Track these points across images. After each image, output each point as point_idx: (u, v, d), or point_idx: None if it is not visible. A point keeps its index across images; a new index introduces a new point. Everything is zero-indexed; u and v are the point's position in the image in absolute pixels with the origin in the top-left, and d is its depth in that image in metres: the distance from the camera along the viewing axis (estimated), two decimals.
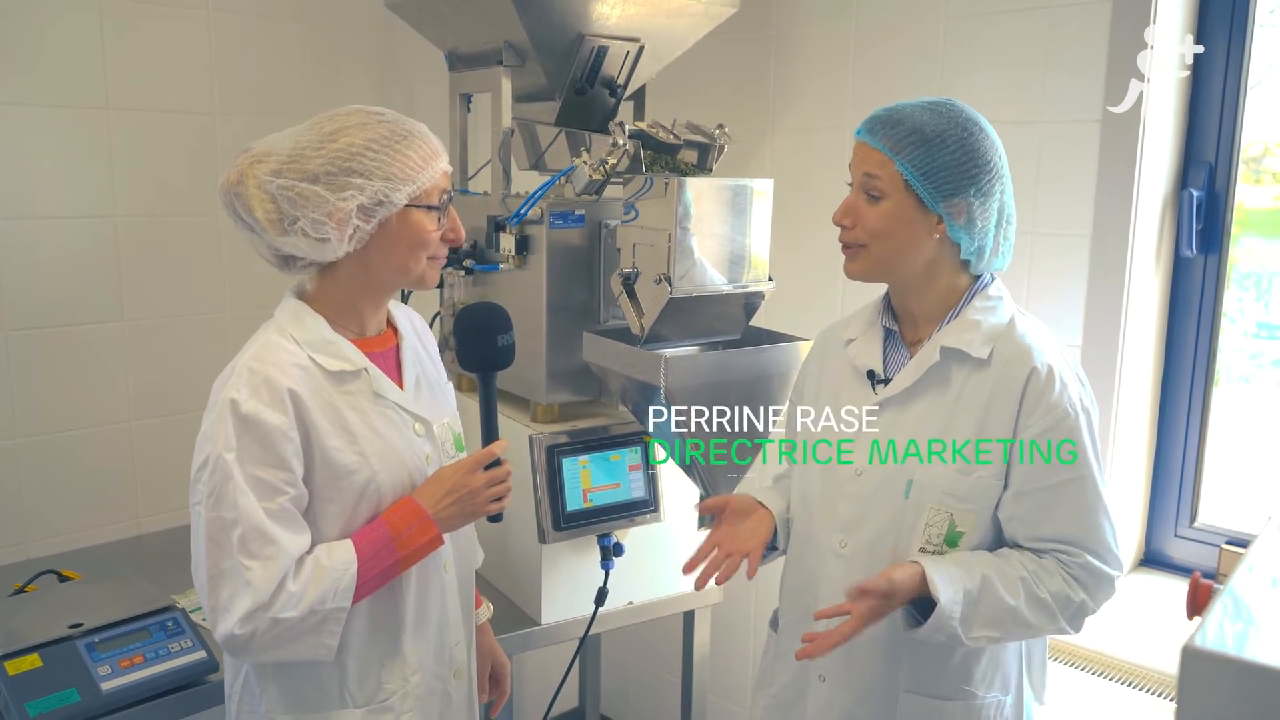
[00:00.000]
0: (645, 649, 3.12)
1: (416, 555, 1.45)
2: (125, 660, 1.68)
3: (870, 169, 1.47)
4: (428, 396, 1.57)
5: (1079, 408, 1.45)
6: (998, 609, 1.42)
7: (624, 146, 1.88)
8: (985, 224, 1.48)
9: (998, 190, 1.48)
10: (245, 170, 1.38)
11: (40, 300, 2.18)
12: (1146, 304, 2.16)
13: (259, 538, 1.33)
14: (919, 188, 1.44)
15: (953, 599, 1.40)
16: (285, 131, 1.42)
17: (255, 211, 1.37)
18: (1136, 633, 2.07)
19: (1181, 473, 2.27)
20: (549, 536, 1.97)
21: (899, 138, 1.45)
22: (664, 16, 2.11)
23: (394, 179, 1.38)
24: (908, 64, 2.35)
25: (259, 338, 1.43)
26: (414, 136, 1.41)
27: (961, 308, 1.52)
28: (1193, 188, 2.14)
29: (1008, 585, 1.43)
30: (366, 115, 1.41)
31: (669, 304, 1.83)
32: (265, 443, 1.34)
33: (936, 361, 1.49)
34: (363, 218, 1.38)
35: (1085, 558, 1.45)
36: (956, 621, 1.40)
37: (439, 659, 1.56)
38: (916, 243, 1.48)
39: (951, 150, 1.44)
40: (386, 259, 1.44)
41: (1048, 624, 1.45)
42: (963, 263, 1.52)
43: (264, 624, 1.33)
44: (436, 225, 1.45)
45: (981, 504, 1.47)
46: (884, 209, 1.47)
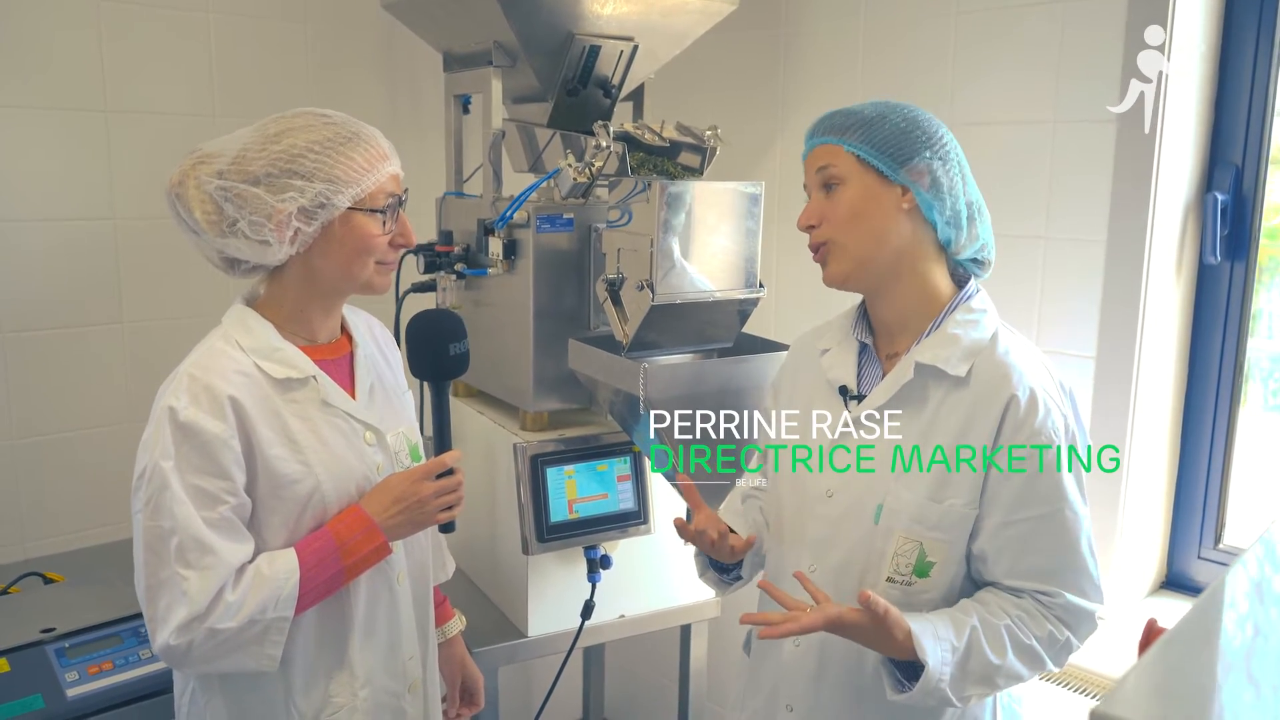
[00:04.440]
0: (652, 654, 3.06)
1: (362, 564, 1.42)
2: (94, 667, 1.67)
3: (822, 162, 1.43)
4: (383, 405, 1.53)
5: (1062, 436, 1.37)
6: (986, 665, 1.34)
7: (608, 148, 1.82)
8: (953, 186, 1.41)
9: (955, 160, 1.42)
10: (187, 171, 1.36)
11: (38, 302, 2.19)
12: (1166, 313, 2.05)
13: (196, 547, 1.30)
14: (874, 160, 1.39)
15: (941, 660, 1.32)
16: (236, 133, 1.40)
17: (195, 212, 1.36)
18: None
19: (1205, 491, 2.15)
20: (532, 548, 1.92)
21: (840, 124, 1.42)
22: (659, 15, 2.05)
23: (336, 181, 1.35)
24: (918, 61, 2.27)
25: (204, 344, 1.41)
26: (360, 139, 1.38)
27: (941, 320, 1.44)
28: (1218, 191, 2.02)
29: (993, 639, 1.35)
30: (313, 117, 1.38)
31: (652, 311, 1.77)
32: (204, 451, 1.31)
33: (910, 379, 1.41)
34: (303, 220, 1.35)
35: (1065, 597, 1.37)
36: (946, 685, 1.32)
37: (390, 672, 1.52)
38: (888, 221, 1.41)
39: (895, 122, 1.40)
40: (330, 263, 1.41)
41: (1036, 669, 1.38)
42: (940, 249, 1.44)
43: (200, 635, 1.30)
44: (382, 229, 1.41)
45: (953, 534, 1.39)
46: (846, 194, 1.41)
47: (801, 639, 1.49)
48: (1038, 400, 1.37)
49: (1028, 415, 1.35)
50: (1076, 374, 2.04)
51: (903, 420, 1.42)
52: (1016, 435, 1.36)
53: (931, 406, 1.41)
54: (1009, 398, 1.36)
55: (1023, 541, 1.37)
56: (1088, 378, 2.05)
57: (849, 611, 1.31)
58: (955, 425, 1.38)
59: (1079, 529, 1.37)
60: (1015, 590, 1.38)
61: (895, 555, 1.40)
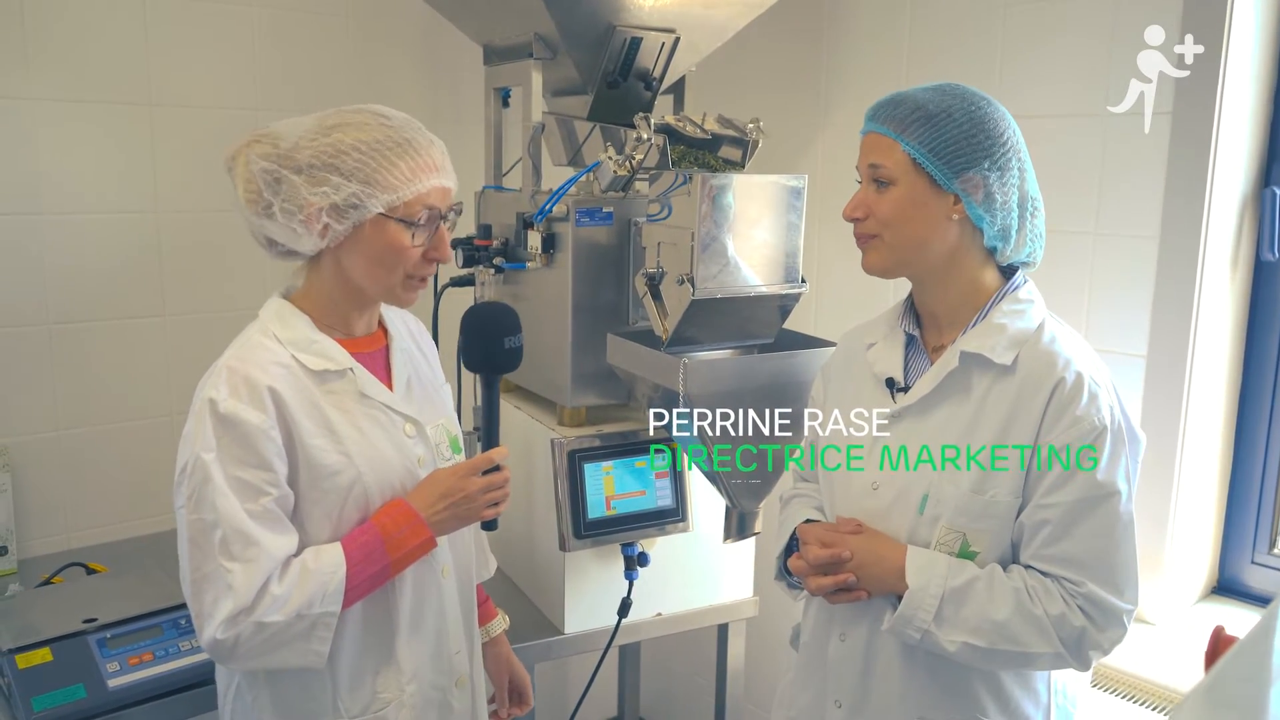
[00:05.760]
0: (689, 651, 3.03)
1: (409, 558, 1.41)
2: (135, 658, 1.68)
3: (875, 158, 1.39)
4: (420, 398, 1.52)
5: (1108, 422, 1.33)
6: (983, 617, 1.32)
7: (649, 141, 1.80)
8: (1007, 200, 1.37)
9: (1015, 166, 1.37)
10: (242, 148, 1.37)
11: (82, 295, 2.21)
12: (1220, 311, 1.99)
13: (240, 539, 1.30)
14: (929, 165, 1.35)
15: (923, 587, 1.33)
16: (302, 118, 1.39)
17: (239, 188, 1.37)
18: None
19: (1260, 494, 2.09)
20: (569, 544, 1.91)
21: (902, 116, 1.37)
22: (700, 6, 2.03)
23: (373, 185, 1.34)
24: (965, 55, 2.22)
25: (241, 337, 1.41)
26: (412, 147, 1.37)
27: (988, 310, 1.41)
28: (1277, 185, 1.96)
29: (998, 594, 1.33)
30: (371, 116, 1.37)
31: (692, 305, 1.75)
32: (245, 442, 1.31)
33: (956, 368, 1.39)
34: (334, 217, 1.34)
35: (1090, 587, 1.32)
36: (930, 616, 1.33)
37: (437, 667, 1.51)
38: (934, 228, 1.38)
39: (959, 123, 1.35)
40: (357, 265, 1.40)
41: (1040, 644, 1.33)
42: (988, 253, 1.41)
43: (248, 628, 1.30)
44: (412, 241, 1.39)
45: (996, 524, 1.36)
46: (895, 195, 1.38)
47: (848, 634, 1.49)
48: (1084, 384, 1.34)
49: (1072, 398, 1.33)
50: (1126, 373, 1.99)
51: (948, 410, 1.40)
52: (1061, 418, 1.33)
53: (977, 396, 1.38)
54: (1056, 382, 1.34)
55: (1060, 526, 1.33)
56: (1138, 377, 2.00)
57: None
58: (1001, 414, 1.36)
59: (1117, 521, 1.33)
60: (1044, 574, 1.35)
61: (938, 545, 1.38)
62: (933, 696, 1.42)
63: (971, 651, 1.34)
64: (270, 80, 2.38)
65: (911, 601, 1.35)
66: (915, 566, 1.36)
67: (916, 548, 1.39)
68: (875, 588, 1.41)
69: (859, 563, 1.41)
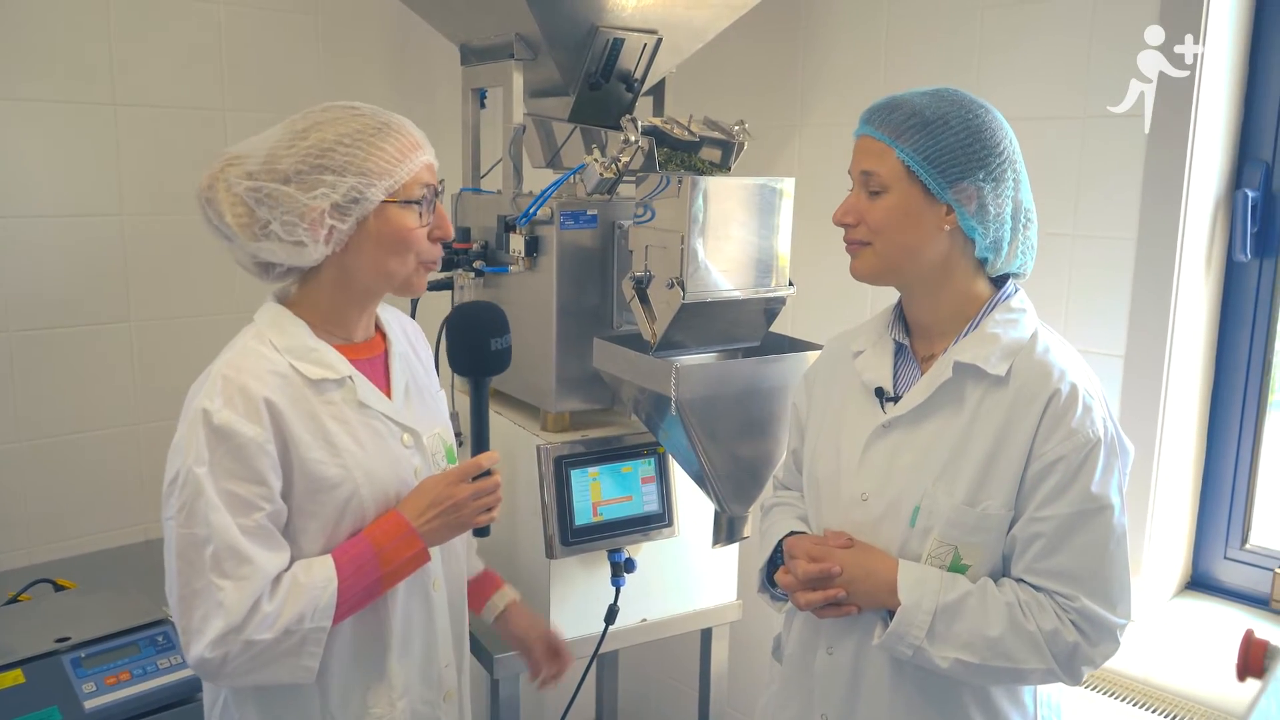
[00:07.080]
0: (666, 657, 3.03)
1: (401, 571, 1.38)
2: (111, 677, 1.63)
3: (868, 165, 1.37)
4: (418, 405, 1.49)
5: (1102, 435, 1.32)
6: (975, 633, 1.31)
7: (636, 143, 1.78)
8: (1000, 212, 1.36)
9: (1010, 177, 1.36)
10: (217, 174, 1.31)
11: (45, 300, 2.14)
12: (1195, 312, 2.03)
13: (232, 556, 1.26)
14: (923, 174, 1.33)
15: (915, 604, 1.32)
16: (265, 132, 1.35)
17: (226, 216, 1.31)
18: (1181, 660, 1.94)
19: (1233, 490, 2.13)
20: (556, 551, 1.88)
21: (898, 122, 1.34)
22: (682, 7, 2.01)
23: (368, 174, 1.30)
24: (942, 56, 2.23)
25: (236, 343, 1.36)
26: (390, 129, 1.33)
27: (980, 319, 1.40)
28: (1248, 188, 2.00)
29: (991, 610, 1.32)
30: (341, 110, 1.34)
31: (682, 309, 1.74)
32: (239, 456, 1.27)
33: (949, 379, 1.37)
34: (337, 217, 1.30)
35: (1083, 601, 1.31)
36: (923, 633, 1.31)
37: (427, 682, 1.48)
38: (926, 237, 1.36)
39: (955, 131, 1.33)
40: (368, 261, 1.36)
41: (1033, 660, 1.32)
42: (979, 264, 1.40)
43: (237, 647, 1.26)
44: (419, 222, 1.36)
45: (988, 536, 1.35)
46: (887, 203, 1.36)
47: (835, 648, 1.47)
48: (1079, 396, 1.33)
49: (1067, 410, 1.32)
50: (1105, 372, 2.01)
51: (941, 421, 1.38)
52: (1055, 430, 1.32)
53: (970, 407, 1.37)
54: (1050, 394, 1.33)
55: (1051, 539, 1.32)
56: (1116, 376, 2.02)
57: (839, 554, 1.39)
58: (994, 426, 1.35)
59: (1110, 534, 1.32)
60: (1036, 588, 1.34)
61: (929, 557, 1.36)
62: (921, 710, 1.41)
63: (964, 668, 1.33)
64: (237, 80, 2.33)
65: (904, 618, 1.33)
66: (907, 582, 1.34)
67: (908, 562, 1.37)
68: (865, 603, 1.39)
69: (849, 578, 1.39)
